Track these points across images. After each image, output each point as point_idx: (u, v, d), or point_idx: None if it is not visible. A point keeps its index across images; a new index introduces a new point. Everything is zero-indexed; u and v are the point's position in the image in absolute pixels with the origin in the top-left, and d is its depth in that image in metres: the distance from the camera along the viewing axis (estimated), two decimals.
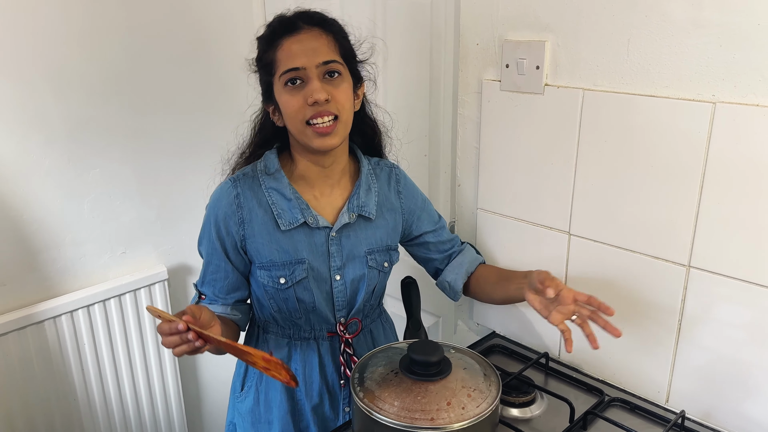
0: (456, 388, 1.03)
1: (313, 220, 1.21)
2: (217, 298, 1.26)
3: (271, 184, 1.22)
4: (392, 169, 1.36)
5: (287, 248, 1.21)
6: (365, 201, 1.27)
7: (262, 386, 1.31)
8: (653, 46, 1.12)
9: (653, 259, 1.20)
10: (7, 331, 1.65)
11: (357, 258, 1.26)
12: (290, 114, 1.15)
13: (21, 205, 1.67)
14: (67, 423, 1.81)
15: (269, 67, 1.16)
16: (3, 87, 1.58)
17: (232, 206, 1.20)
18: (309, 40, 1.14)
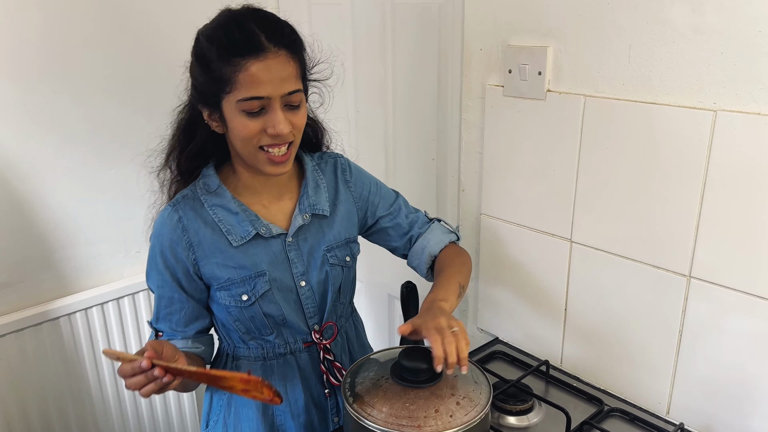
0: (445, 395, 1.02)
1: (265, 230, 1.15)
2: (176, 332, 1.17)
3: (213, 201, 1.14)
4: (336, 160, 1.30)
5: (244, 263, 1.14)
6: (316, 199, 1.21)
7: (230, 419, 1.24)
8: (654, 52, 1.11)
9: (654, 268, 1.18)
10: (24, 327, 1.70)
11: (318, 259, 1.21)
12: (244, 137, 1.05)
13: (38, 204, 1.72)
14: (80, 418, 1.86)
15: (222, 82, 1.03)
16: (21, 89, 1.63)
17: (177, 231, 1.12)
18: (277, 68, 1.02)
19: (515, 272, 1.44)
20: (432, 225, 1.34)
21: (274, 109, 1.04)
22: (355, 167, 1.33)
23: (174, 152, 1.19)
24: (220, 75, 1.02)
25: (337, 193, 1.27)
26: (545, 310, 1.40)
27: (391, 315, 2.01)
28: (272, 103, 1.04)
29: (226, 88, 1.03)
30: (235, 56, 1.01)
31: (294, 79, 1.06)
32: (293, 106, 1.07)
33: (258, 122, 1.04)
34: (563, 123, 1.26)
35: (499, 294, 1.49)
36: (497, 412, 1.25)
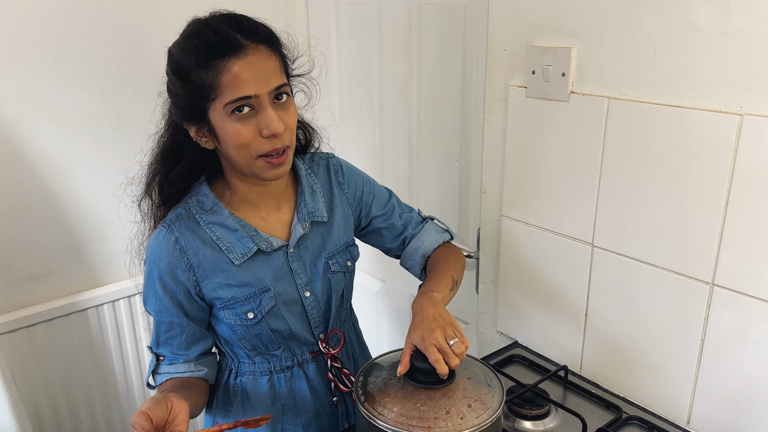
0: (457, 397, 1.02)
1: (266, 245, 1.12)
2: (177, 356, 1.13)
3: (210, 219, 1.10)
4: (328, 161, 1.26)
5: (248, 281, 1.11)
6: (314, 206, 1.19)
7: None
8: (680, 54, 1.08)
9: (676, 275, 1.16)
10: (53, 317, 1.75)
11: (320, 267, 1.19)
12: (240, 145, 1.01)
13: (69, 199, 1.77)
14: (106, 407, 1.90)
15: (204, 90, 0.98)
16: (55, 88, 1.67)
17: (175, 253, 1.08)
18: (260, 64, 0.99)
19: (536, 275, 1.43)
20: (426, 225, 1.32)
21: (264, 107, 1.00)
22: (348, 167, 1.29)
23: (156, 179, 1.13)
24: (201, 83, 0.98)
25: (332, 196, 1.24)
26: (565, 315, 1.38)
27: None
28: (261, 101, 1.00)
29: (210, 95, 0.98)
30: (214, 59, 0.97)
31: (279, 73, 1.02)
32: (281, 102, 1.03)
33: (250, 126, 1.00)
34: (586, 125, 1.24)
35: (520, 297, 1.48)
36: (513, 417, 1.23)
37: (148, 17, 1.78)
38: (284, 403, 1.21)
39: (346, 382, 1.24)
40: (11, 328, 1.68)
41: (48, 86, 1.66)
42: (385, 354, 1.17)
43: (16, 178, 1.67)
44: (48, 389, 1.78)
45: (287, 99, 1.04)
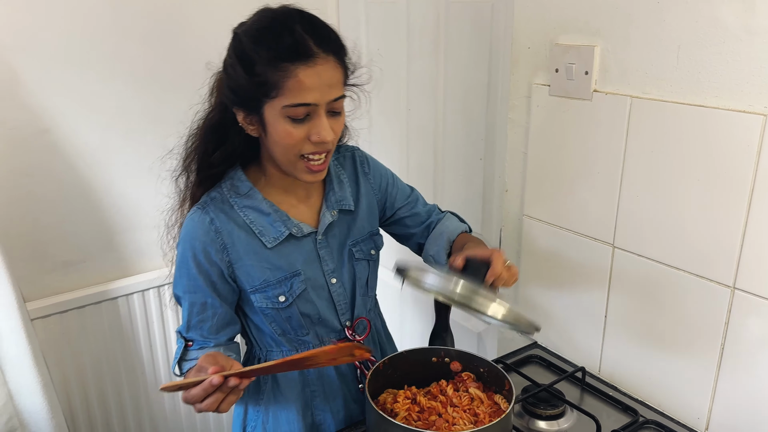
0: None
1: (297, 230, 1.15)
2: (207, 339, 1.14)
3: (244, 203, 1.13)
4: (354, 153, 1.30)
5: (280, 264, 1.14)
6: (341, 194, 1.22)
7: (269, 424, 1.23)
8: (703, 53, 1.06)
9: (697, 278, 1.14)
10: (85, 304, 1.81)
11: (346, 255, 1.22)
12: (287, 145, 1.04)
13: (102, 190, 1.82)
14: (133, 392, 1.95)
15: (267, 87, 1.00)
16: (90, 83, 1.73)
17: (210, 234, 1.10)
18: (325, 74, 1.01)
19: (556, 276, 1.41)
20: (446, 214, 1.35)
21: (319, 115, 1.03)
22: (372, 159, 1.32)
23: (197, 155, 1.15)
24: (266, 79, 1.00)
25: (358, 186, 1.27)
26: (585, 316, 1.36)
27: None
28: (318, 109, 1.02)
29: (272, 92, 1.00)
30: (283, 62, 0.98)
31: (340, 85, 1.05)
32: (335, 112, 1.06)
33: (302, 129, 1.03)
34: (609, 124, 1.23)
35: (540, 297, 1.47)
36: (527, 416, 1.23)
37: (179, 15, 1.83)
38: (313, 389, 1.23)
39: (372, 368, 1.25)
40: (45, 314, 1.74)
41: (84, 80, 1.72)
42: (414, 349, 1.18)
43: (52, 168, 1.73)
44: (78, 373, 1.83)
45: (341, 110, 1.08)
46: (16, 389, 1.59)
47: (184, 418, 2.07)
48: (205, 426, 2.12)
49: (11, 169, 1.67)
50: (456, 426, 1.02)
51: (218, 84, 1.14)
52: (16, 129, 1.65)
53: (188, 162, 1.16)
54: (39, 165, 1.71)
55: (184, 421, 2.07)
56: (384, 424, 1.00)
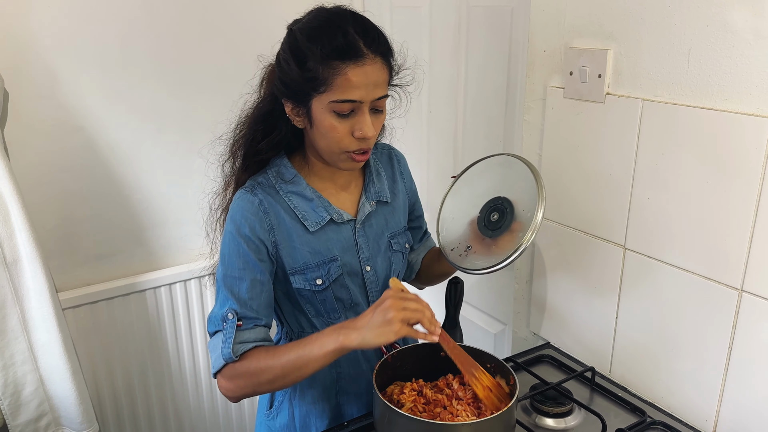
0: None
1: (337, 216, 1.20)
2: (259, 317, 1.15)
3: (289, 188, 1.18)
4: (390, 151, 1.36)
5: (319, 248, 1.18)
6: (380, 186, 1.28)
7: (296, 400, 1.28)
8: (713, 57, 1.07)
9: (705, 280, 1.14)
10: (114, 296, 1.88)
11: (382, 245, 1.27)
12: (332, 139, 1.10)
13: (133, 186, 1.89)
14: (158, 382, 2.02)
15: (316, 82, 1.06)
16: (123, 84, 1.80)
17: (259, 213, 1.15)
18: (373, 74, 1.07)
19: (568, 277, 1.43)
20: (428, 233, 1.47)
21: (363, 112, 1.09)
22: (405, 163, 1.39)
23: (245, 142, 1.21)
24: (316, 75, 1.05)
25: (394, 182, 1.33)
26: (596, 317, 1.38)
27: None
28: (362, 107, 1.08)
29: (320, 87, 1.06)
30: (334, 59, 1.04)
31: (385, 85, 1.11)
32: (378, 110, 1.12)
33: (346, 124, 1.09)
34: (621, 127, 1.24)
35: (553, 298, 1.48)
36: (534, 413, 1.25)
37: (209, 18, 1.89)
38: (339, 371, 1.28)
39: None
40: (76, 304, 1.82)
41: (118, 80, 1.79)
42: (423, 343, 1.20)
43: (86, 165, 1.80)
44: (106, 362, 1.91)
45: (383, 108, 1.13)
46: (47, 375, 1.66)
47: (206, 408, 2.13)
48: (227, 416, 2.18)
49: (48, 165, 1.75)
50: (459, 418, 1.05)
51: (269, 76, 1.20)
52: (54, 127, 1.74)
53: (235, 148, 1.23)
54: (74, 162, 1.79)
55: (206, 412, 2.13)
56: (390, 414, 1.04)
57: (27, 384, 1.60)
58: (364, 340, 1.02)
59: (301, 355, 1.07)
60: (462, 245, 1.24)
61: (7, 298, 1.52)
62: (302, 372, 1.08)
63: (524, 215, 1.16)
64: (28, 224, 1.46)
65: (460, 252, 1.23)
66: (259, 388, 1.13)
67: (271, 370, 1.09)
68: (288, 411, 1.30)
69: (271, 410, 1.33)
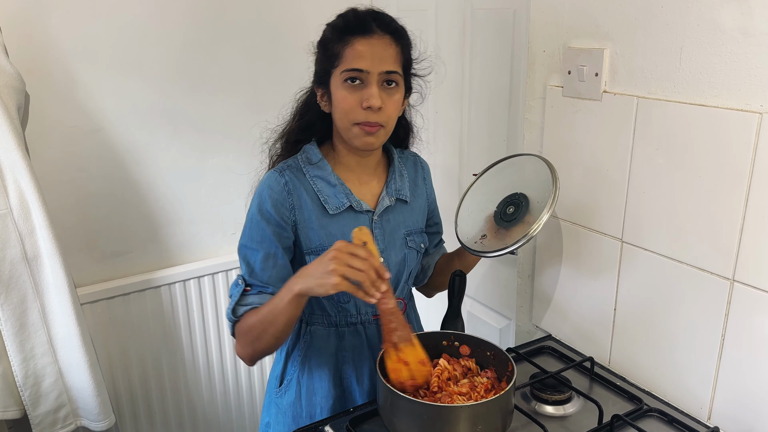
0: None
1: (357, 204, 1.27)
2: (267, 286, 1.23)
3: (315, 172, 1.27)
4: (416, 158, 1.45)
5: (335, 232, 1.25)
6: (401, 185, 1.35)
7: (303, 379, 1.34)
8: (704, 54, 1.11)
9: (698, 270, 1.18)
10: (130, 291, 1.94)
11: (397, 240, 1.32)
12: (343, 110, 1.20)
13: (149, 185, 1.96)
14: (173, 377, 2.08)
15: (333, 58, 1.20)
16: (139, 85, 1.87)
17: (283, 193, 1.23)
18: (379, 46, 1.19)
19: (569, 270, 1.47)
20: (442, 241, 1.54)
21: (370, 83, 1.18)
22: (429, 171, 1.47)
23: (286, 130, 1.35)
24: (333, 51, 1.20)
25: (415, 186, 1.40)
26: (595, 309, 1.41)
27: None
28: (369, 78, 1.18)
29: (336, 62, 1.19)
30: (347, 34, 1.19)
31: (392, 61, 1.20)
32: (389, 87, 1.20)
33: (355, 96, 1.18)
34: (617, 123, 1.28)
35: (554, 291, 1.52)
36: (534, 400, 1.29)
37: (225, 21, 1.96)
38: (344, 354, 1.33)
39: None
40: (93, 299, 1.88)
41: (135, 83, 1.86)
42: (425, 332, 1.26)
43: (103, 164, 1.87)
44: (122, 355, 1.97)
45: (395, 87, 1.22)
46: (66, 368, 1.71)
47: (219, 401, 2.18)
48: (239, 409, 2.23)
49: (67, 165, 1.82)
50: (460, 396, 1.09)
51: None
52: (74, 128, 1.80)
53: (282, 135, 1.36)
54: (91, 161, 1.85)
55: (219, 405, 2.19)
56: (392, 398, 1.08)
57: (47, 376, 1.65)
58: (306, 287, 1.08)
59: (272, 309, 1.15)
60: (477, 235, 1.32)
61: (27, 293, 1.57)
62: (277, 325, 1.15)
63: (537, 208, 1.24)
64: (48, 221, 1.52)
65: (475, 240, 1.31)
66: (254, 345, 1.20)
67: (255, 327, 1.18)
68: (295, 389, 1.35)
69: (281, 388, 1.38)
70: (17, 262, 1.52)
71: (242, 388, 2.22)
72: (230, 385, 2.19)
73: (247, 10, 1.99)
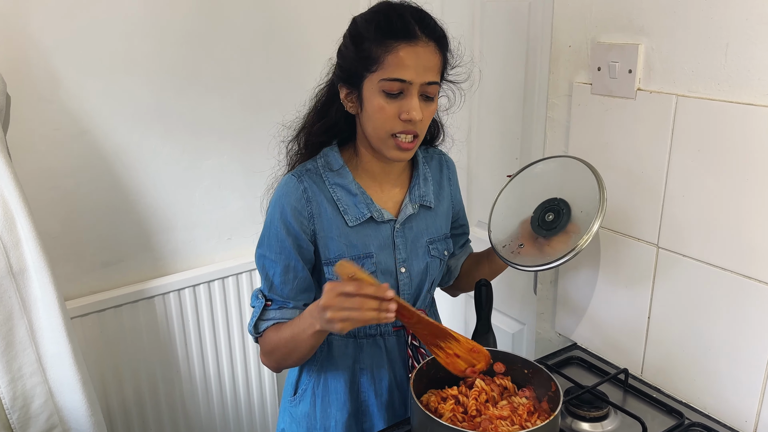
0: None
1: (378, 214, 1.20)
2: (288, 300, 1.20)
3: (335, 180, 1.19)
4: (441, 156, 1.36)
5: (356, 243, 1.19)
6: (425, 190, 1.26)
7: (319, 389, 1.28)
8: (754, 51, 1.05)
9: (744, 278, 1.12)
10: (123, 303, 1.83)
11: (420, 249, 1.25)
12: (379, 120, 1.11)
13: (140, 190, 1.84)
14: (168, 390, 1.97)
15: (369, 61, 1.09)
16: (127, 84, 1.75)
17: (302, 201, 1.17)
18: (425, 56, 1.09)
19: (597, 276, 1.40)
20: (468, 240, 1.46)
21: (411, 94, 1.09)
22: (455, 171, 1.38)
23: (306, 127, 1.26)
24: (370, 54, 1.09)
25: (440, 188, 1.32)
26: (627, 317, 1.35)
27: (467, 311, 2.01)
28: (411, 88, 1.09)
29: (373, 66, 1.09)
30: (388, 38, 1.08)
31: (435, 71, 1.12)
32: (428, 97, 1.12)
33: (394, 105, 1.09)
34: (654, 123, 1.21)
35: (579, 298, 1.46)
36: (570, 417, 1.22)
37: (215, 19, 1.84)
38: (362, 366, 1.27)
39: (421, 360, 1.25)
40: (83, 312, 1.76)
41: (123, 83, 1.74)
42: None
43: (91, 169, 1.75)
44: (115, 371, 1.86)
45: (433, 97, 1.13)
46: (57, 387, 1.61)
47: (218, 417, 2.08)
48: (238, 425, 2.13)
49: (52, 170, 1.70)
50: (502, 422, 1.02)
51: (333, 69, 1.23)
52: (58, 131, 1.68)
53: (300, 133, 1.26)
54: (78, 166, 1.73)
55: (217, 421, 2.09)
56: (430, 424, 1.00)
57: (36, 396, 1.55)
58: (323, 327, 1.05)
59: (294, 336, 1.12)
60: (514, 243, 1.23)
61: (14, 309, 1.46)
62: (300, 351, 1.14)
63: (581, 217, 1.16)
64: (34, 232, 1.41)
65: (512, 249, 1.23)
66: (279, 363, 1.20)
67: (279, 349, 1.17)
68: (310, 399, 1.30)
69: (295, 397, 1.33)
70: (2, 276, 1.41)
71: (241, 402, 2.12)
72: (228, 399, 2.09)
73: (241, 3, 1.87)
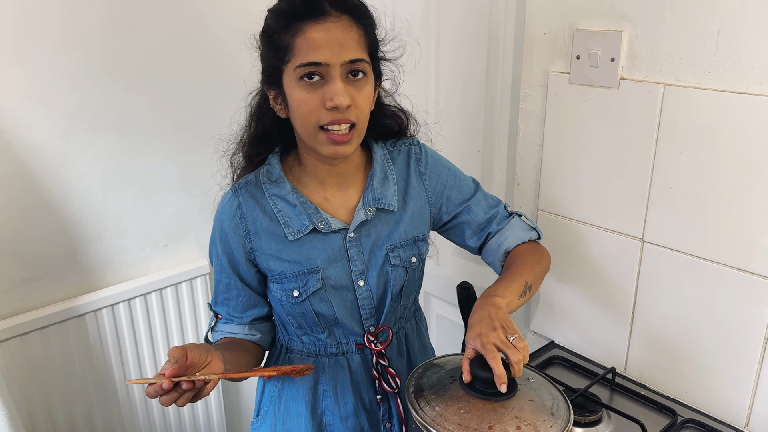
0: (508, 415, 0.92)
1: (324, 225, 1.08)
2: (233, 317, 1.15)
3: (273, 191, 1.10)
4: (411, 148, 1.19)
5: (298, 258, 1.09)
6: (382, 192, 1.12)
7: (279, 412, 1.20)
8: (747, 38, 1.02)
9: (735, 270, 1.10)
10: (49, 324, 1.62)
11: (380, 258, 1.12)
12: (302, 114, 0.99)
13: (63, 196, 1.64)
14: (106, 417, 1.79)
15: (282, 51, 0.98)
16: (48, 77, 1.54)
17: (235, 218, 1.09)
18: (337, 31, 0.96)
19: (576, 272, 1.36)
20: (512, 220, 1.22)
21: (332, 78, 0.97)
22: (432, 157, 1.21)
23: (241, 140, 1.16)
24: (280, 44, 0.98)
25: (408, 186, 1.16)
26: (609, 313, 1.31)
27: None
28: (331, 71, 0.96)
29: (286, 56, 0.98)
30: (295, 21, 0.96)
31: (356, 46, 0.98)
32: (356, 78, 0.99)
33: (316, 95, 0.97)
34: (638, 113, 1.17)
35: (556, 295, 1.41)
36: None
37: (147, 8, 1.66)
38: (325, 389, 1.18)
39: (391, 382, 1.16)
40: (4, 337, 1.55)
41: (39, 75, 1.53)
42: (446, 356, 1.09)
43: (4, 174, 1.53)
44: (44, 401, 1.65)
45: (363, 77, 1.00)
46: None
47: None
48: None
49: None
50: None
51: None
52: None
53: (238, 145, 1.17)
54: None
55: None
56: None
57: None
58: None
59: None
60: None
61: None
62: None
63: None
64: None
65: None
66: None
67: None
68: (271, 422, 1.22)
69: (258, 418, 1.26)
70: None
71: (186, 425, 1.95)
72: (172, 422, 1.92)
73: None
